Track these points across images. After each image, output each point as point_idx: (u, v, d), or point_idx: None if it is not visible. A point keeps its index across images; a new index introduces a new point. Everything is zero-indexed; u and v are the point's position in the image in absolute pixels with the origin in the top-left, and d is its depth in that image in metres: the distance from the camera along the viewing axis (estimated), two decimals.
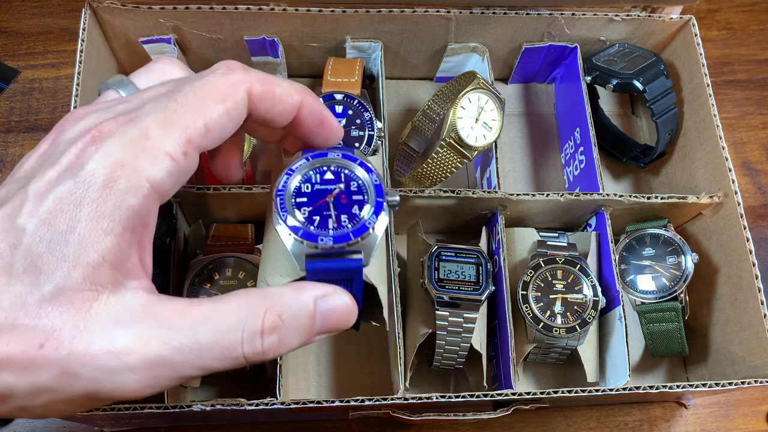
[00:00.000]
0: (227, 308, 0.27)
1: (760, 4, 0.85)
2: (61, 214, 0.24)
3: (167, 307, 0.26)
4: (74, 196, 0.25)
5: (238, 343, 0.27)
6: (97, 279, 0.25)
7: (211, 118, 0.27)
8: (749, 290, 0.58)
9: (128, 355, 0.25)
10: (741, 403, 0.68)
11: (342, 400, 0.51)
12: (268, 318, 0.27)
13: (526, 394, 0.54)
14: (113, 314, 0.25)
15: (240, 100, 0.28)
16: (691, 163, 0.67)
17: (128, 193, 0.25)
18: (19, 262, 0.24)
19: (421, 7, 0.63)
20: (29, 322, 0.24)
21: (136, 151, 0.25)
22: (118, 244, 0.25)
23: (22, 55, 0.74)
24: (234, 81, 0.28)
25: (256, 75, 0.29)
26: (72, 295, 0.24)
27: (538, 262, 0.60)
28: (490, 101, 0.61)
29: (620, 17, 0.67)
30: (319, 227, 0.30)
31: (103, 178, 0.25)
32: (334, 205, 0.31)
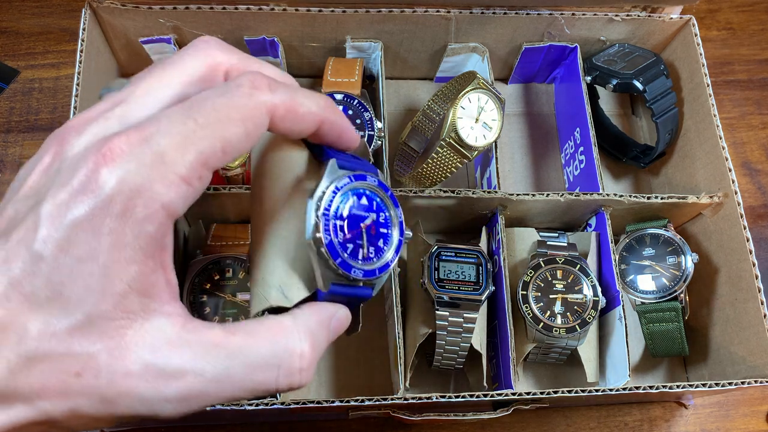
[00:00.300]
0: (260, 343, 0.27)
1: (760, 4, 0.85)
2: (79, 241, 0.24)
3: (202, 336, 0.26)
4: (91, 224, 0.24)
5: (273, 380, 0.27)
6: (127, 307, 0.25)
7: (230, 141, 0.26)
8: (749, 290, 0.58)
9: (166, 387, 0.25)
10: (741, 403, 0.68)
11: (342, 400, 0.51)
12: (306, 354, 0.28)
13: (526, 394, 0.54)
14: (149, 342, 0.25)
15: (261, 123, 0.27)
16: (691, 163, 0.67)
17: (146, 221, 0.24)
18: (41, 291, 0.24)
19: (421, 7, 0.63)
20: (63, 350, 0.24)
21: (152, 177, 0.24)
22: (143, 272, 0.25)
23: (22, 55, 0.74)
24: (258, 103, 0.27)
25: (281, 96, 0.27)
26: (104, 323, 0.24)
27: (538, 262, 0.60)
28: (490, 101, 0.61)
29: (620, 17, 0.67)
30: (351, 256, 0.30)
31: (120, 206, 0.24)
32: (366, 235, 0.31)
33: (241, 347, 0.26)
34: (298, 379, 0.28)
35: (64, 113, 0.71)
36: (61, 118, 0.71)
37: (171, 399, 0.25)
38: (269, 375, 0.27)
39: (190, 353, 0.25)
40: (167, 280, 0.26)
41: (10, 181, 0.68)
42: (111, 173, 0.24)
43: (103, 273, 0.24)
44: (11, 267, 0.24)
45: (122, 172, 0.24)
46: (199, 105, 0.26)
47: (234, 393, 0.26)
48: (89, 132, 0.26)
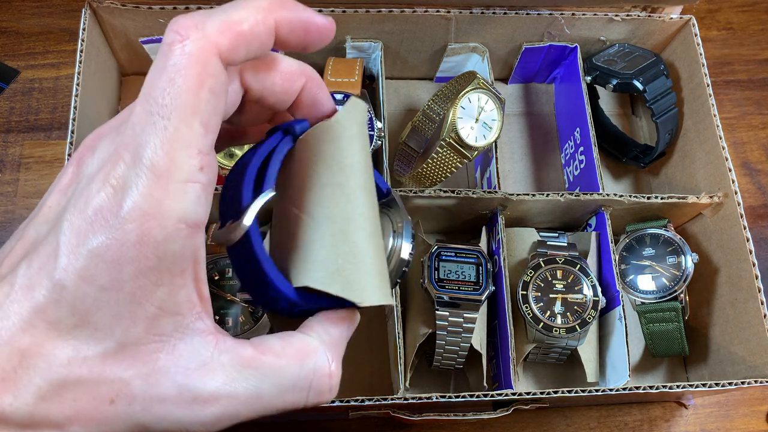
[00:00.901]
0: (291, 364, 0.27)
1: (760, 4, 0.85)
2: (100, 272, 0.23)
3: (235, 356, 0.26)
4: (110, 254, 0.23)
5: (303, 399, 0.27)
6: (159, 330, 0.24)
7: (202, 113, 0.24)
8: (749, 290, 0.58)
9: (201, 411, 0.25)
10: (741, 403, 0.68)
11: (342, 400, 0.51)
12: (334, 373, 0.28)
13: (526, 394, 0.54)
14: (182, 366, 0.24)
15: (216, 71, 0.24)
16: (691, 163, 0.67)
17: (167, 242, 0.23)
18: (66, 319, 0.23)
19: (421, 7, 0.63)
20: (95, 377, 0.23)
21: (155, 195, 0.23)
22: (172, 292, 0.24)
23: (22, 55, 0.74)
24: (198, 52, 0.23)
25: (212, 25, 0.24)
26: (135, 349, 0.24)
27: (538, 262, 0.60)
28: (490, 101, 0.61)
29: (620, 17, 0.67)
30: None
31: (136, 233, 0.23)
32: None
33: (272, 368, 0.26)
34: (328, 396, 0.28)
35: (64, 113, 0.71)
36: (61, 118, 0.71)
37: (206, 422, 0.25)
38: (300, 396, 0.27)
39: (224, 376, 0.25)
40: (199, 294, 0.25)
41: (10, 181, 0.68)
42: (121, 203, 0.23)
43: (130, 300, 0.23)
44: (34, 294, 0.23)
45: (129, 200, 0.23)
46: (152, 96, 0.23)
47: (264, 412, 0.27)
48: (100, 149, 0.25)
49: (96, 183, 0.23)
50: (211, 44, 0.24)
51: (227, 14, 0.24)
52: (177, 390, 0.24)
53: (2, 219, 0.67)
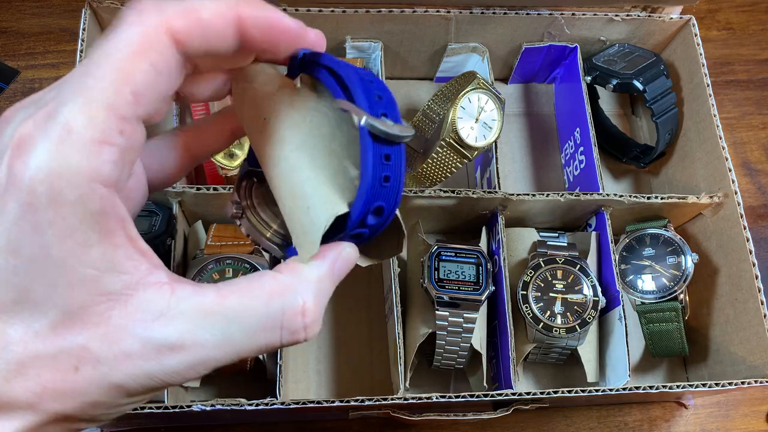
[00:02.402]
0: (256, 304, 0.25)
1: (760, 4, 0.85)
2: (22, 241, 0.22)
3: (195, 303, 0.25)
4: (26, 222, 0.22)
5: (277, 339, 0.26)
6: (104, 290, 0.23)
7: (137, 82, 0.23)
8: (749, 290, 0.58)
9: (170, 360, 0.24)
10: (741, 403, 0.68)
11: (342, 400, 0.51)
12: (308, 310, 0.26)
13: (526, 394, 0.54)
14: (139, 319, 0.24)
15: (163, 49, 0.24)
16: (691, 163, 0.67)
17: (83, 201, 0.22)
18: (6, 296, 0.23)
19: (421, 7, 0.63)
20: (52, 348, 0.23)
21: (66, 153, 0.22)
22: (107, 252, 0.23)
23: (22, 55, 0.74)
24: (148, 27, 0.23)
25: (173, 8, 0.24)
26: (84, 312, 0.23)
27: (538, 262, 0.60)
28: (490, 101, 0.61)
29: (620, 17, 0.67)
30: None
31: (46, 195, 0.22)
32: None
33: (237, 311, 0.25)
34: (303, 335, 0.26)
35: None
36: None
37: (178, 370, 0.24)
38: (272, 336, 0.26)
39: (186, 323, 0.24)
40: (139, 250, 0.24)
41: None
42: (24, 163, 0.22)
43: (62, 265, 0.22)
44: None
45: (34, 159, 0.22)
46: (91, 57, 0.23)
47: (240, 354, 0.26)
48: (14, 121, 0.24)
49: (4, 154, 0.22)
50: (164, 22, 0.24)
51: (189, 1, 0.25)
52: (140, 343, 0.24)
53: None
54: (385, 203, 0.26)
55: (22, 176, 0.22)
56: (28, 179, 0.22)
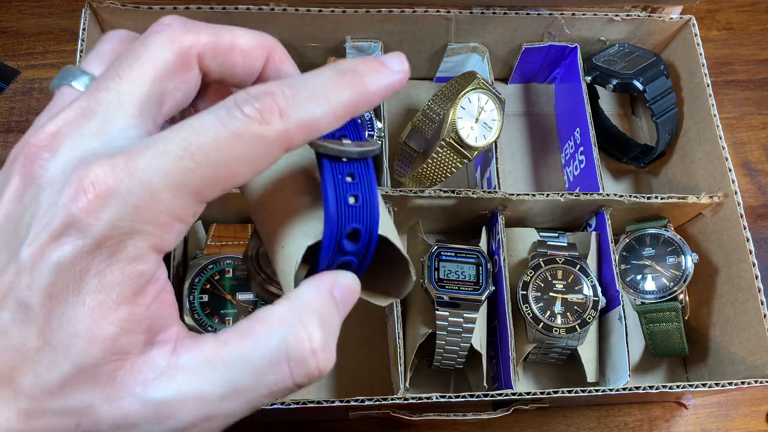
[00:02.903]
0: (259, 342, 0.24)
1: (760, 4, 0.85)
2: (64, 285, 0.22)
3: (193, 354, 0.24)
4: (77, 267, 0.22)
5: (288, 375, 0.24)
6: (119, 349, 0.23)
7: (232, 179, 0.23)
8: (749, 290, 0.58)
9: (169, 419, 0.23)
10: (741, 403, 0.67)
11: (342, 400, 0.51)
12: (315, 336, 0.24)
13: (526, 394, 0.54)
14: (141, 379, 0.23)
15: (273, 158, 0.24)
16: (691, 163, 0.67)
17: (136, 261, 0.22)
18: (30, 341, 0.22)
19: (421, 7, 0.63)
20: (57, 406, 0.22)
21: (144, 218, 0.22)
22: (133, 312, 0.23)
23: (22, 55, 0.74)
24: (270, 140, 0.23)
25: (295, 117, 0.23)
26: (94, 370, 0.22)
27: (538, 262, 0.60)
28: (490, 101, 0.61)
29: (620, 17, 0.67)
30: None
31: (109, 249, 0.22)
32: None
33: (238, 353, 0.24)
34: (315, 364, 0.24)
35: None
36: None
37: (180, 428, 0.23)
38: (281, 373, 0.24)
39: (185, 378, 0.23)
40: (161, 312, 0.24)
41: None
42: (98, 214, 0.21)
43: (90, 317, 0.22)
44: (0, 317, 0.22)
45: (111, 213, 0.21)
46: (197, 137, 0.22)
47: (252, 403, 0.24)
48: (64, 151, 0.23)
49: (67, 192, 0.22)
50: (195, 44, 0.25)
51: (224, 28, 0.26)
52: (139, 404, 0.23)
53: None
54: (360, 225, 0.25)
55: (92, 225, 0.21)
56: (98, 232, 0.21)
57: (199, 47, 0.25)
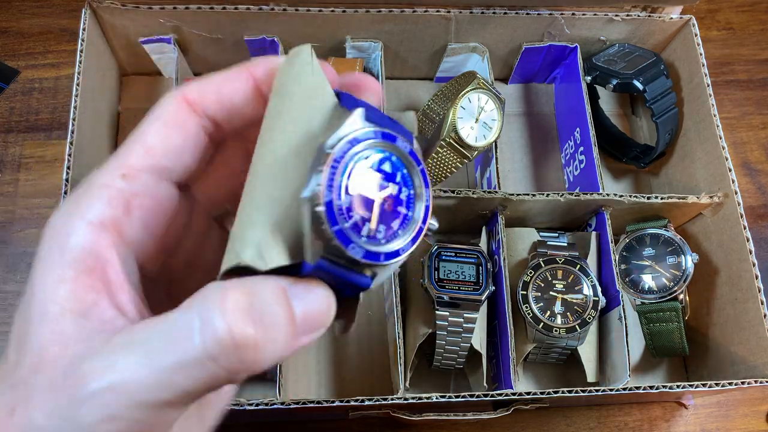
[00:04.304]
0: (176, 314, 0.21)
1: (760, 4, 0.85)
2: (29, 280, 0.23)
3: (125, 334, 0.22)
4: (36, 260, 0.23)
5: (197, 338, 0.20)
6: (62, 331, 0.22)
7: (146, 137, 0.25)
8: (749, 290, 0.58)
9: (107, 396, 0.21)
10: (741, 403, 0.67)
11: (342, 400, 0.51)
12: (230, 294, 0.21)
13: (526, 394, 0.54)
14: (85, 368, 0.21)
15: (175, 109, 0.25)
16: (691, 163, 0.67)
17: (69, 235, 0.23)
18: (11, 343, 0.23)
19: (421, 7, 0.63)
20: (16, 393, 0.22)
21: (74, 198, 0.24)
22: (74, 290, 0.22)
23: (22, 55, 0.74)
24: (166, 98, 0.25)
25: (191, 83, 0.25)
26: (43, 353, 0.22)
27: (538, 262, 0.60)
28: (490, 101, 0.61)
29: (620, 17, 0.67)
30: (352, 228, 0.23)
31: (45, 233, 0.23)
32: (379, 209, 0.24)
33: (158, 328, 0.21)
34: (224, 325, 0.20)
35: (64, 113, 0.71)
36: (61, 118, 0.71)
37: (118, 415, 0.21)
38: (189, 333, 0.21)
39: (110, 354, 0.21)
40: (113, 301, 0.23)
41: (10, 181, 0.68)
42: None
43: (40, 299, 0.23)
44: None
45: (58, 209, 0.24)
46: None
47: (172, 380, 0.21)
48: None
49: None
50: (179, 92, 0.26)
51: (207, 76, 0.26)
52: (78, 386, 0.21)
53: (2, 219, 0.67)
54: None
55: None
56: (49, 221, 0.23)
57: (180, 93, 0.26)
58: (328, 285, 0.24)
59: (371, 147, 0.24)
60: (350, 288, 0.24)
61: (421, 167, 0.26)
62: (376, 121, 0.24)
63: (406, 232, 0.25)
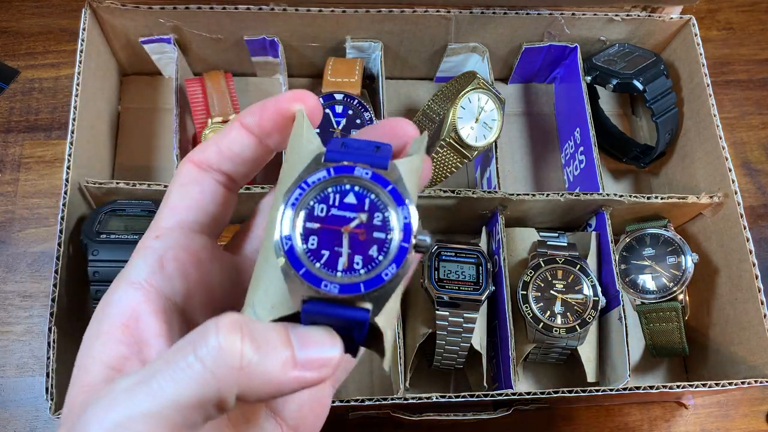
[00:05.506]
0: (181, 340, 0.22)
1: (760, 4, 0.85)
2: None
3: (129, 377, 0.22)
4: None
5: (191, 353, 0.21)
6: (91, 381, 0.24)
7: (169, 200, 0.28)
8: (749, 290, 0.58)
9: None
10: (741, 403, 0.68)
11: (342, 400, 0.51)
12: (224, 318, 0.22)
13: (526, 394, 0.54)
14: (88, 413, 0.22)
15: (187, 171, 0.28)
16: (691, 163, 0.67)
17: (111, 294, 0.26)
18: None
19: (421, 7, 0.63)
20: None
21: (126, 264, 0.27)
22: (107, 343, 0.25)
23: (22, 55, 0.74)
24: (180, 165, 0.28)
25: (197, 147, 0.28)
26: (71, 400, 0.24)
27: (538, 262, 0.60)
28: (490, 101, 0.61)
29: (620, 17, 0.67)
30: (326, 266, 0.24)
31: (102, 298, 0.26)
32: (350, 242, 0.25)
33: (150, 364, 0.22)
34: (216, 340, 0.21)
35: (64, 113, 0.71)
36: (61, 118, 0.71)
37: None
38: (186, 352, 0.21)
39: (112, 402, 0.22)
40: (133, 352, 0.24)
41: (10, 181, 0.68)
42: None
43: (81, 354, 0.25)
44: None
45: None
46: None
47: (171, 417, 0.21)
48: None
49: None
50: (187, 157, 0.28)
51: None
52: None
53: (2, 219, 0.67)
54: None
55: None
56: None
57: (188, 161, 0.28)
58: (330, 326, 0.24)
59: (328, 185, 0.25)
60: (351, 324, 0.24)
61: (389, 187, 0.25)
62: (338, 158, 0.25)
63: (387, 256, 0.25)
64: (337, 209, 0.25)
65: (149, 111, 0.71)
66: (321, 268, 0.24)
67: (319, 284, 0.23)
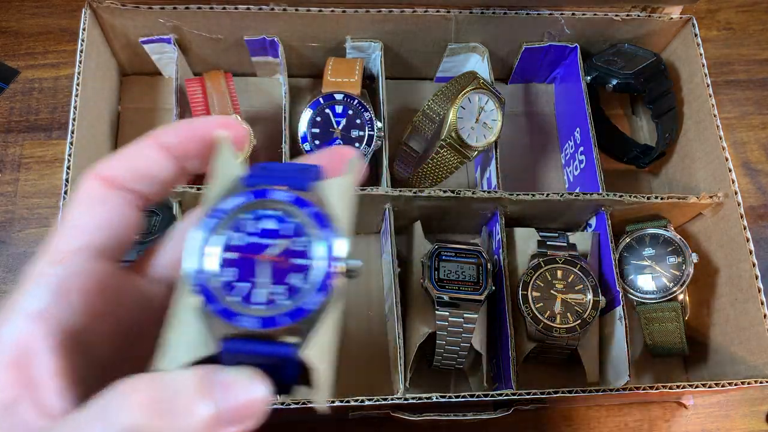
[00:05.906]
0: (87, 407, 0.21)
1: (760, 4, 0.85)
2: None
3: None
4: None
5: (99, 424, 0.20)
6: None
7: (70, 220, 0.25)
8: (749, 290, 0.58)
9: None
10: (741, 403, 0.67)
11: (342, 400, 0.51)
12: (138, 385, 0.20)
13: (526, 394, 0.54)
14: None
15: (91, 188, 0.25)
16: (691, 163, 0.67)
17: (2, 327, 0.23)
18: None
19: (421, 7, 0.63)
20: None
21: (18, 288, 0.23)
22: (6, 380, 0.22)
23: (22, 55, 0.74)
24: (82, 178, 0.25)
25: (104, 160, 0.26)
26: None
27: (538, 262, 0.60)
28: (490, 101, 0.61)
29: (620, 17, 0.67)
30: (245, 300, 0.22)
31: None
32: (270, 271, 0.23)
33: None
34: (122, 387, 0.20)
35: (64, 113, 0.71)
36: (61, 118, 0.71)
37: None
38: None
39: None
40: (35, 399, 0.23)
41: (10, 181, 0.68)
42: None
43: None
44: None
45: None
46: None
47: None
48: None
49: None
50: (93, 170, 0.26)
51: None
52: None
53: (2, 219, 0.67)
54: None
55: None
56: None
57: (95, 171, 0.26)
58: (256, 366, 0.22)
59: (244, 211, 0.23)
60: (276, 361, 0.23)
61: (311, 210, 0.23)
62: (256, 182, 0.24)
63: (311, 285, 0.23)
64: (254, 236, 0.23)
65: (149, 111, 0.71)
66: (239, 302, 0.22)
67: (238, 320, 0.22)
